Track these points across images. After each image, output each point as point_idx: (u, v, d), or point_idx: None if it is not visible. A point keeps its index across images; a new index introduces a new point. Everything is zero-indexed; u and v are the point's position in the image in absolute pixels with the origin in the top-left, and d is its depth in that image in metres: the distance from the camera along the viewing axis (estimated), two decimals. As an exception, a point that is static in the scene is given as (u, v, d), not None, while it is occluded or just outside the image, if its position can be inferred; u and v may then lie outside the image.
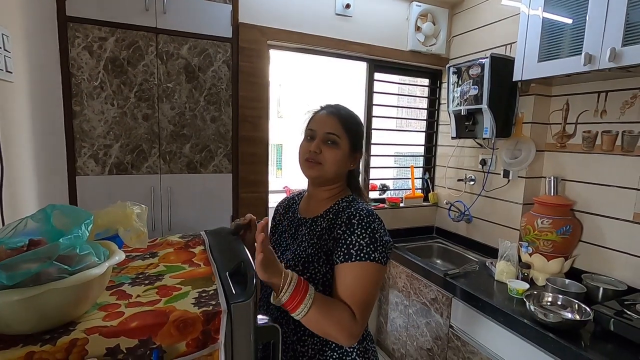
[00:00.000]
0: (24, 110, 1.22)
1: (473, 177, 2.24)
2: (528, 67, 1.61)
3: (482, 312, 1.53)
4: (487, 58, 1.82)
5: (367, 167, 2.43)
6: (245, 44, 1.85)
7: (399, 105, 3.44)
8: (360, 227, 0.85)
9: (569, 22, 1.45)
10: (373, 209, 0.91)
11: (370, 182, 2.49)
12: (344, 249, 0.84)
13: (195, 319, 0.57)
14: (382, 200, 2.52)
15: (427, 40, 2.34)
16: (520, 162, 1.87)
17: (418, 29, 2.31)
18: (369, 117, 2.37)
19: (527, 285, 1.54)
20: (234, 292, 0.65)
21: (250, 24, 1.87)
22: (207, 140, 1.82)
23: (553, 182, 1.75)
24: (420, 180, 2.68)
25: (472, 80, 1.91)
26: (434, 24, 2.33)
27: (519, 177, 1.93)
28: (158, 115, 1.71)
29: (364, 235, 0.84)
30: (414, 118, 2.75)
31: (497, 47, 2.06)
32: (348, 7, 2.09)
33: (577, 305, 1.37)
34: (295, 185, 2.34)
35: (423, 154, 2.67)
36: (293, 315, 0.76)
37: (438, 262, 2.37)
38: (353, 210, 0.88)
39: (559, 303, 1.43)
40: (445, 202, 2.44)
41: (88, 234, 0.58)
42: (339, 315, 0.79)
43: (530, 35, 1.59)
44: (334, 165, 0.92)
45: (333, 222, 0.90)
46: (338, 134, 0.92)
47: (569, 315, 1.36)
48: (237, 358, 0.62)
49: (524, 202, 1.91)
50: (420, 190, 2.65)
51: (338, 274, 0.84)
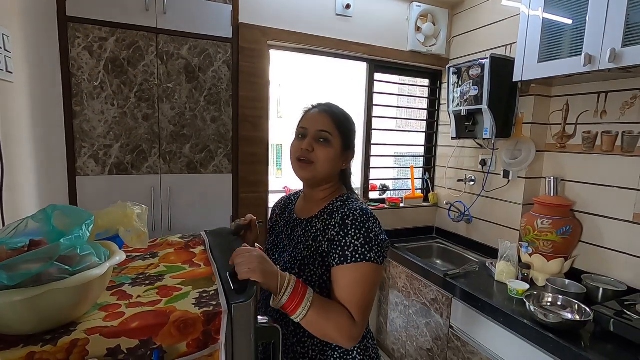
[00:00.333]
0: (25, 111, 1.21)
1: (473, 177, 2.24)
2: (528, 67, 1.61)
3: (482, 312, 1.53)
4: (487, 58, 1.82)
5: (367, 167, 2.43)
6: (246, 44, 1.86)
7: (399, 106, 3.44)
8: (355, 227, 0.83)
9: (569, 22, 1.45)
10: (368, 208, 0.89)
11: (371, 182, 2.49)
12: (339, 251, 0.83)
13: (196, 320, 0.57)
14: (382, 201, 2.52)
15: (427, 41, 2.34)
16: (520, 162, 1.87)
17: (418, 30, 2.31)
18: (369, 117, 2.37)
19: (527, 286, 1.54)
20: (235, 292, 0.65)
21: (251, 24, 1.88)
22: (207, 141, 1.82)
23: (553, 182, 1.75)
24: (420, 181, 2.68)
25: (472, 81, 1.91)
26: (434, 25, 2.33)
27: (519, 177, 1.93)
28: (158, 116, 1.71)
29: (359, 236, 0.82)
30: (414, 118, 2.75)
31: (497, 47, 2.06)
32: (348, 7, 2.09)
33: (577, 306, 1.37)
34: (295, 186, 2.34)
35: (423, 155, 2.67)
36: (292, 318, 0.76)
37: (438, 262, 2.37)
38: (347, 210, 0.86)
39: (559, 303, 1.43)
40: (445, 202, 2.44)
41: (89, 235, 0.58)
42: (338, 318, 0.78)
43: (531, 36, 1.60)
44: (327, 164, 0.91)
45: (327, 223, 0.89)
46: (330, 132, 0.91)
47: (569, 316, 1.36)
48: (237, 358, 0.62)
49: (524, 202, 1.91)
50: (420, 191, 2.65)
51: (335, 277, 0.83)
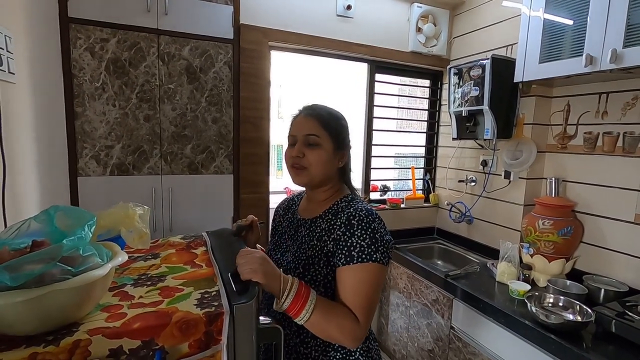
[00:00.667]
0: (26, 111, 1.22)
1: (474, 178, 2.24)
2: (529, 68, 1.61)
3: (483, 313, 1.53)
4: (488, 59, 1.82)
5: (368, 167, 2.43)
6: (247, 45, 1.86)
7: (400, 106, 3.45)
8: (361, 227, 0.83)
9: (570, 23, 1.45)
10: (373, 208, 0.89)
11: (371, 183, 2.49)
12: (345, 251, 0.83)
13: (198, 320, 0.57)
14: (383, 201, 2.52)
15: (428, 42, 2.35)
16: (521, 163, 1.86)
17: (419, 30, 2.31)
18: (370, 118, 2.37)
19: (528, 287, 1.54)
20: (237, 293, 0.65)
21: (252, 25, 1.88)
22: (208, 141, 1.82)
23: (554, 183, 1.75)
24: (421, 181, 2.68)
25: (473, 82, 1.91)
26: (435, 25, 2.33)
27: (520, 178, 1.93)
28: (159, 116, 1.71)
29: (365, 236, 0.83)
30: (415, 119, 2.75)
31: (498, 48, 2.06)
32: (349, 8, 2.10)
33: (578, 307, 1.36)
34: (296, 186, 2.33)
35: (424, 155, 2.67)
36: (296, 321, 0.76)
37: (439, 263, 2.36)
38: (352, 211, 0.87)
39: (561, 304, 1.43)
40: (446, 203, 2.44)
41: (91, 235, 0.58)
42: (342, 319, 0.78)
43: (531, 37, 1.60)
44: (320, 166, 0.91)
45: (332, 222, 0.89)
46: (318, 134, 0.90)
47: (571, 317, 1.36)
48: (239, 359, 0.62)
49: (525, 203, 1.91)
50: (421, 191, 2.65)
51: (340, 277, 0.84)
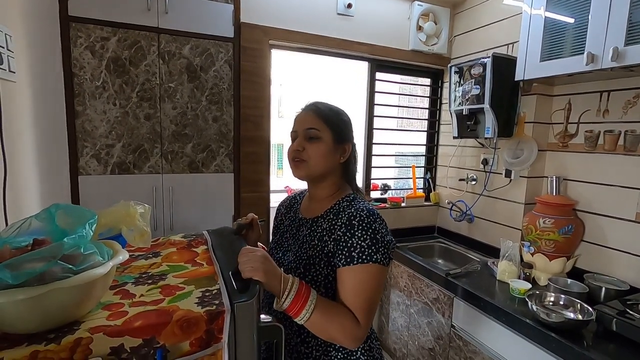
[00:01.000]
0: (27, 110, 1.22)
1: (475, 176, 2.24)
2: (530, 66, 1.61)
3: (484, 311, 1.53)
4: (489, 57, 1.81)
5: (368, 166, 2.43)
6: (247, 44, 1.86)
7: (401, 105, 3.44)
8: (361, 228, 0.83)
9: (571, 21, 1.45)
10: (374, 208, 0.89)
11: (372, 181, 2.49)
12: (345, 252, 0.82)
13: (199, 319, 0.57)
14: (383, 200, 2.52)
15: (428, 40, 2.34)
16: (522, 161, 1.86)
17: (420, 29, 2.31)
18: (371, 116, 2.37)
19: (529, 285, 1.54)
20: (237, 291, 0.65)
21: (252, 24, 1.88)
22: (208, 140, 1.82)
23: (555, 181, 1.74)
24: (422, 180, 2.68)
25: (473, 80, 1.91)
26: (436, 24, 2.32)
27: (521, 176, 1.92)
28: (160, 115, 1.71)
29: (365, 237, 0.82)
30: (416, 118, 2.74)
31: (499, 46, 2.05)
32: (350, 6, 2.09)
33: (579, 305, 1.36)
34: (297, 185, 2.34)
35: (424, 154, 2.67)
36: (296, 320, 0.76)
37: (440, 261, 2.36)
38: (353, 211, 0.86)
39: (561, 303, 1.42)
40: (447, 201, 2.44)
41: (92, 234, 0.58)
42: (342, 319, 0.78)
43: (533, 35, 1.59)
44: (320, 159, 0.91)
45: (333, 222, 0.89)
46: (318, 128, 0.91)
47: (571, 315, 1.36)
48: (240, 357, 0.62)
49: (526, 201, 1.91)
50: (422, 190, 2.65)
51: (340, 278, 0.83)
